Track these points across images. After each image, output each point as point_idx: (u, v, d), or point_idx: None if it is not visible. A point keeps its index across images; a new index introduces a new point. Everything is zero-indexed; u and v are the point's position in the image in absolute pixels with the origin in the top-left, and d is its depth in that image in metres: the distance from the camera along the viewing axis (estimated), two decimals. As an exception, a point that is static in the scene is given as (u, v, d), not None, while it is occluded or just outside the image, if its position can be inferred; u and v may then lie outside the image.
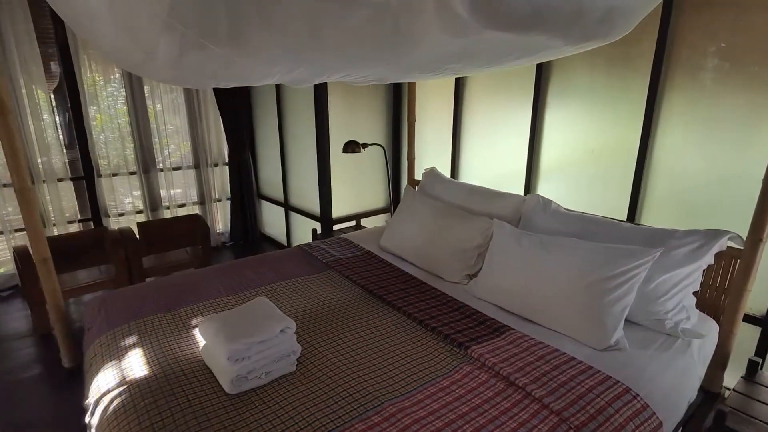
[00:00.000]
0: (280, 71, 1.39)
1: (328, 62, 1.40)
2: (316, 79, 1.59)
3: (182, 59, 1.23)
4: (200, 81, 1.45)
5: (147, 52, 1.22)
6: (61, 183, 3.72)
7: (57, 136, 3.71)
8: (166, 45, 1.18)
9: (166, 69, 1.29)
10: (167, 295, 1.98)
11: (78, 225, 3.91)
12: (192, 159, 4.40)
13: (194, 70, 1.30)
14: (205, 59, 1.24)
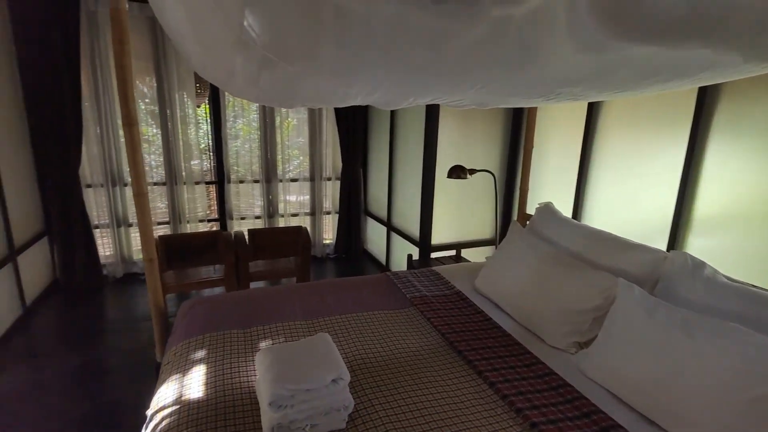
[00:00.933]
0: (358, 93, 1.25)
1: (415, 85, 1.23)
2: (401, 102, 1.42)
3: (259, 78, 1.17)
4: (284, 100, 1.39)
5: (227, 70, 1.18)
6: (197, 185, 4.19)
7: (199, 144, 4.21)
8: (242, 63, 1.12)
9: (247, 87, 1.24)
10: (246, 309, 1.99)
11: (207, 224, 4.37)
12: (309, 172, 4.62)
13: (273, 89, 1.23)
14: (280, 78, 1.16)
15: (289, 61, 1.13)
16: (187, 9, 1.03)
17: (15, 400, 2.31)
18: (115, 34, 1.74)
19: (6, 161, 3.06)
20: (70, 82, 3.37)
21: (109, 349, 2.84)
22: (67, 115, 3.40)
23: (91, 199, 3.81)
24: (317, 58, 1.07)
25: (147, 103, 3.90)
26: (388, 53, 1.25)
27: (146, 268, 2.04)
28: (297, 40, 1.09)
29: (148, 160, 4.01)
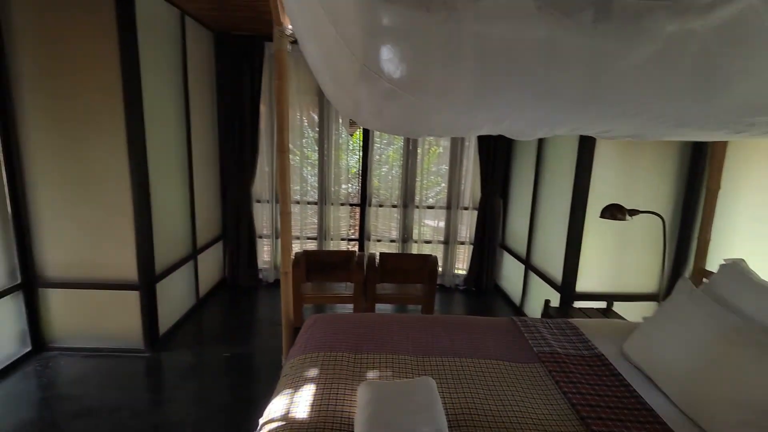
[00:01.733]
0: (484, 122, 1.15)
1: (554, 113, 1.07)
2: (534, 132, 1.26)
3: (383, 108, 1.17)
4: (408, 130, 1.37)
5: (354, 100, 1.21)
6: (342, 206, 4.52)
7: (349, 169, 4.56)
8: (367, 94, 1.13)
9: (371, 118, 1.25)
10: (363, 332, 1.99)
11: (347, 242, 4.67)
12: (446, 200, 4.58)
13: (397, 119, 1.22)
14: (404, 109, 1.14)
15: (412, 93, 1.10)
16: (319, 44, 1.08)
17: (176, 377, 2.75)
18: (276, 72, 1.99)
19: (201, 178, 3.77)
20: (251, 114, 4.01)
21: (253, 347, 3.19)
22: (246, 141, 4.05)
23: (258, 213, 4.42)
24: (445, 91, 1.01)
25: (313, 131, 4.39)
26: (527, 81, 1.13)
27: (282, 280, 2.23)
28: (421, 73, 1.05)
29: (310, 181, 4.50)
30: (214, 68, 3.99)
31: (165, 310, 3.16)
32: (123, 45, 2.58)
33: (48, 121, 2.67)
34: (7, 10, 2.53)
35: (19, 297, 2.81)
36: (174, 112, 3.30)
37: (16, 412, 2.32)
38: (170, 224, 3.28)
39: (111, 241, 2.84)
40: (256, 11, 3.26)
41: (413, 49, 1.16)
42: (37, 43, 2.58)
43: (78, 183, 2.76)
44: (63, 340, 2.97)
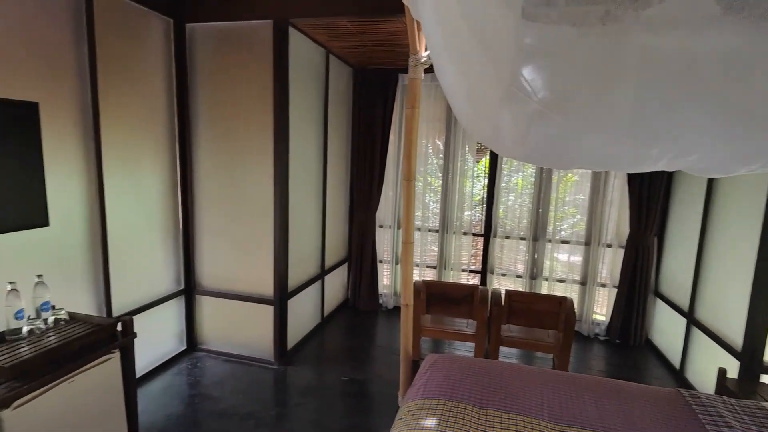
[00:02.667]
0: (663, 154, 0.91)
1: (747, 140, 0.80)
2: (735, 167, 0.97)
3: (528, 134, 1.02)
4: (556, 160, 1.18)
5: (493, 125, 1.08)
6: (465, 236, 4.35)
7: (473, 196, 4.39)
8: (510, 119, 1.00)
9: (514, 145, 1.11)
10: (488, 383, 1.79)
11: (468, 274, 4.45)
12: (584, 235, 4.08)
13: (543, 147, 1.06)
14: (554, 135, 0.97)
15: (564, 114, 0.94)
16: (459, 66, 0.99)
17: (298, 393, 2.84)
18: (408, 101, 1.97)
19: (332, 203, 4.00)
20: (381, 142, 4.15)
21: (370, 374, 3.18)
22: (375, 168, 4.19)
23: (380, 237, 4.50)
24: (601, 112, 0.83)
25: (438, 158, 4.37)
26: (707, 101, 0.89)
27: (402, 312, 2.15)
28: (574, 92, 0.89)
29: (432, 207, 4.45)
30: (351, 100, 4.25)
31: (293, 326, 3.35)
32: (277, 85, 2.88)
33: (213, 153, 3.10)
34: (193, 59, 3.03)
35: (181, 301, 3.25)
36: (314, 143, 3.56)
37: (168, 405, 2.63)
38: (304, 245, 3.50)
39: (254, 259, 3.13)
40: (393, 45, 3.38)
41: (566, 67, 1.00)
42: (213, 86, 3.03)
43: (231, 206, 3.12)
44: (209, 343, 3.33)
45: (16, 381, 1.57)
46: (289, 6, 2.80)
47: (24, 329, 1.81)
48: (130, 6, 2.61)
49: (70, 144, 2.28)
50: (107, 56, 2.44)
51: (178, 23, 2.96)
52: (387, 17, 2.73)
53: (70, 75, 2.26)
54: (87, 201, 2.40)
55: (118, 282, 2.59)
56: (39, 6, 2.09)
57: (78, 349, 1.82)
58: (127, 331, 2.02)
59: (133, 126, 2.68)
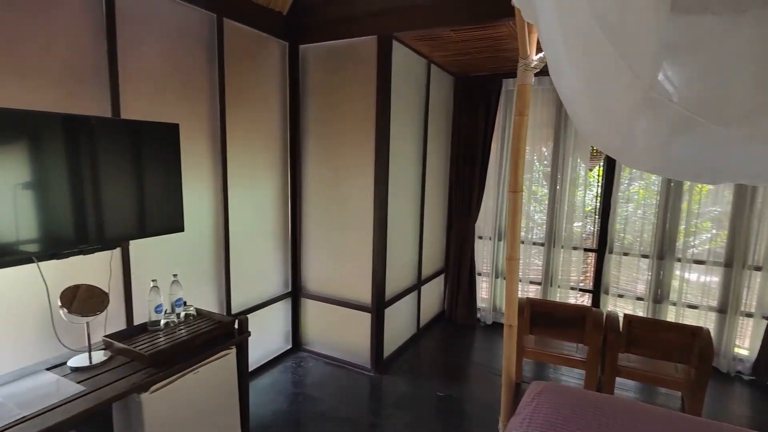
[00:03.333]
0: None
1: None
2: None
3: (669, 145, 0.87)
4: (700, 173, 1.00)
5: (622, 134, 0.95)
6: (575, 250, 3.99)
7: (585, 206, 4.01)
8: (647, 127, 0.87)
9: (647, 156, 0.96)
10: (602, 423, 1.59)
11: (578, 293, 4.07)
12: (724, 254, 3.48)
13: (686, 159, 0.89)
14: (703, 144, 0.82)
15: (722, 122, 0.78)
16: (584, 72, 0.89)
17: (393, 404, 2.84)
18: (517, 107, 1.86)
19: (430, 212, 3.96)
20: (482, 150, 4.01)
21: (467, 392, 3.05)
22: (475, 177, 4.06)
23: (480, 249, 4.34)
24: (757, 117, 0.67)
25: (543, 166, 4.10)
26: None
27: (505, 332, 2.03)
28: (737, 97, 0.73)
29: (536, 219, 4.19)
30: (451, 109, 4.19)
31: (390, 334, 3.37)
32: (379, 99, 2.94)
33: (319, 165, 3.27)
34: (305, 77, 3.25)
35: (288, 303, 3.47)
36: (413, 152, 3.57)
37: (274, 401, 2.81)
38: (401, 255, 3.52)
39: (354, 267, 3.22)
40: (497, 51, 3.26)
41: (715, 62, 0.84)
42: (321, 102, 3.21)
43: (335, 216, 3.26)
44: (312, 344, 3.51)
45: (154, 368, 1.79)
46: (394, 21, 2.86)
47: (162, 322, 2.07)
48: (252, 33, 2.88)
49: (201, 159, 2.58)
50: (233, 79, 2.73)
51: (292, 46, 3.20)
52: (493, 22, 2.63)
53: (204, 98, 2.57)
54: (214, 210, 2.69)
55: (236, 283, 2.86)
56: (181, 39, 2.41)
57: (202, 343, 2.03)
58: (243, 329, 2.19)
59: (252, 142, 2.95)
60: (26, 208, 1.61)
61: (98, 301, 1.83)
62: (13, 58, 1.73)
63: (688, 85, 0.83)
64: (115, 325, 2.13)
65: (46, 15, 1.83)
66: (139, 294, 2.22)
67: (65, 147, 1.72)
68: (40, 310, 1.82)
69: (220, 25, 2.60)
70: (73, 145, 1.74)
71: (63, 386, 1.62)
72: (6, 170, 1.55)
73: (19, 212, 1.58)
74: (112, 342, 1.91)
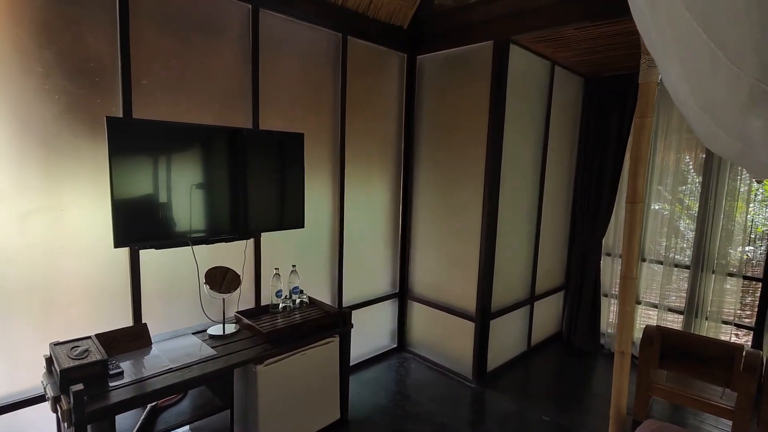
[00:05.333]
0: None
1: None
2: None
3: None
4: None
5: (742, 139, 0.81)
6: (731, 278, 3.33)
7: (747, 227, 3.33)
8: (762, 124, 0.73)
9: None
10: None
11: (732, 328, 3.38)
12: None
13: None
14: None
15: None
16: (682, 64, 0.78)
17: (494, 420, 2.73)
18: (638, 109, 1.67)
19: (549, 223, 3.71)
20: (613, 158, 3.62)
21: (574, 421, 2.79)
22: (604, 188, 3.68)
23: (607, 268, 3.90)
24: None
25: (692, 175, 3.53)
26: None
27: (616, 359, 1.82)
28: None
29: (687, 236, 3.61)
30: (579, 112, 3.88)
31: (495, 348, 3.25)
32: (493, 105, 2.90)
33: (431, 171, 3.34)
34: (421, 87, 3.37)
35: (395, 303, 3.61)
36: (530, 158, 3.41)
37: (375, 395, 2.95)
38: (512, 265, 3.37)
39: (460, 274, 3.21)
40: (632, 47, 2.93)
41: None
42: (435, 110, 3.29)
43: (442, 221, 3.29)
44: (415, 346, 3.58)
45: (269, 344, 2.06)
46: (511, 24, 2.79)
47: (280, 305, 2.37)
48: (374, 48, 3.10)
49: (322, 164, 2.87)
50: (354, 91, 2.97)
51: (410, 57, 3.34)
52: (620, 17, 2.38)
53: (328, 109, 2.86)
54: (331, 210, 2.96)
55: (348, 278, 3.09)
56: (311, 57, 2.73)
57: (311, 329, 2.26)
58: (346, 321, 2.37)
59: (367, 148, 3.17)
60: (195, 203, 2.02)
61: (233, 282, 2.18)
62: (184, 82, 2.18)
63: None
64: (246, 303, 2.51)
65: (209, 44, 2.26)
66: (267, 279, 2.56)
67: (226, 154, 2.12)
68: (192, 285, 2.24)
69: (345, 43, 2.87)
70: (231, 152, 2.14)
71: (203, 349, 1.97)
72: (183, 172, 1.98)
73: (192, 206, 2.01)
74: (240, 318, 2.25)
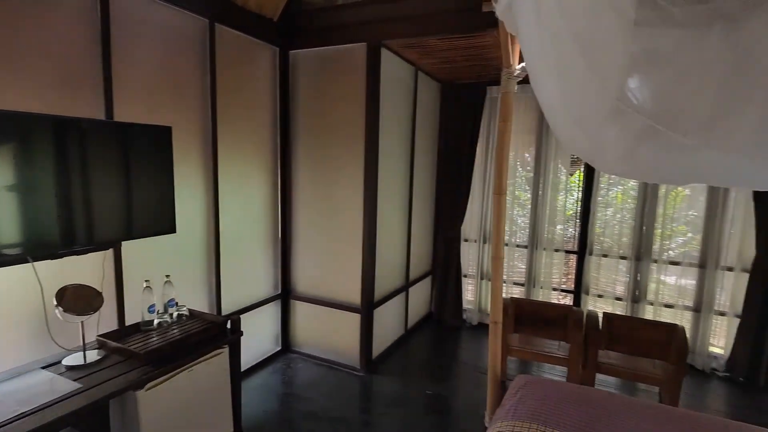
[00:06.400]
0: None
1: None
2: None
3: (635, 151, 0.97)
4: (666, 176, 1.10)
5: (595, 141, 1.04)
6: (557, 252, 4.12)
7: (566, 211, 4.15)
8: (616, 135, 0.96)
9: (617, 162, 1.06)
10: (584, 413, 1.68)
11: (560, 293, 4.20)
12: (698, 256, 3.64)
13: (653, 164, 0.99)
14: (664, 151, 0.91)
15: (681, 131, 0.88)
16: (560, 81, 0.98)
17: (383, 403, 2.90)
18: (501, 114, 1.96)
19: (418, 216, 4.05)
20: (467, 156, 4.12)
21: (454, 390, 3.13)
22: (461, 182, 4.17)
23: (466, 252, 4.44)
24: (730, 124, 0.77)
25: (527, 171, 4.23)
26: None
27: (491, 329, 2.11)
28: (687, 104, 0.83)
29: (519, 222, 4.31)
30: (438, 116, 4.30)
31: (379, 335, 3.43)
32: (369, 104, 3.03)
33: (310, 168, 3.33)
34: (295, 82, 3.31)
35: (278, 305, 3.51)
36: (402, 158, 3.66)
37: (265, 401, 2.84)
38: (390, 257, 3.59)
39: (343, 268, 3.28)
40: (482, 59, 3.37)
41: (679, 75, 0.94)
42: (311, 107, 3.28)
43: (323, 218, 3.32)
44: (301, 346, 3.54)
45: (149, 366, 1.82)
46: (383, 29, 2.95)
47: (155, 322, 2.10)
48: (244, 38, 2.94)
49: (193, 162, 2.61)
50: (224, 83, 2.77)
51: (282, 51, 3.26)
52: (478, 33, 2.74)
53: (196, 102, 2.61)
54: (205, 212, 2.72)
55: (226, 284, 2.89)
56: (174, 43, 2.45)
57: (196, 342, 2.06)
58: (235, 329, 2.23)
59: (242, 145, 3.00)
60: (17, 209, 1.63)
61: (92, 300, 1.86)
62: (8, 60, 1.76)
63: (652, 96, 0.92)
64: (106, 325, 2.15)
65: (42, 19, 1.86)
66: (131, 295, 2.24)
67: (54, 149, 1.74)
68: (35, 309, 1.83)
69: (212, 30, 2.65)
70: (62, 148, 1.77)
71: (59, 384, 1.64)
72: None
73: (10, 213, 1.61)
74: (106, 341, 1.93)
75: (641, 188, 3.74)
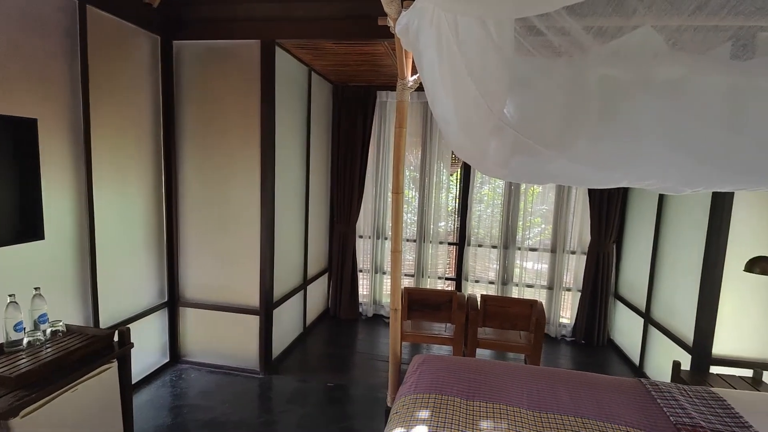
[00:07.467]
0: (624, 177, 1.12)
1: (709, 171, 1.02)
2: (683, 189, 1.19)
3: (510, 160, 1.21)
4: (532, 179, 1.38)
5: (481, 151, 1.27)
6: (441, 245, 4.55)
7: (448, 207, 4.61)
8: (496, 146, 1.19)
9: (496, 168, 1.30)
10: (472, 378, 1.96)
11: (443, 281, 4.65)
12: (550, 243, 4.37)
13: (522, 170, 1.25)
14: (531, 160, 1.16)
15: (544, 145, 1.13)
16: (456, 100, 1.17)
17: (285, 401, 2.92)
18: (397, 121, 2.14)
19: (314, 214, 4.11)
20: (360, 157, 4.31)
21: (353, 379, 3.29)
22: (355, 181, 4.34)
23: (360, 248, 4.64)
24: (578, 148, 1.03)
25: (411, 171, 4.57)
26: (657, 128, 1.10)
27: (391, 316, 2.30)
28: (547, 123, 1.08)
29: (405, 218, 4.64)
30: (331, 115, 4.40)
31: (278, 335, 3.41)
32: (264, 103, 2.99)
33: (199, 167, 3.16)
34: (180, 76, 3.10)
35: (164, 314, 3.26)
36: (298, 158, 3.68)
37: (156, 417, 2.65)
38: (288, 256, 3.59)
39: (240, 270, 3.19)
40: (375, 65, 3.57)
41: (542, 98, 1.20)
42: (199, 102, 3.11)
43: (217, 219, 3.18)
44: (193, 355, 3.35)
45: (22, 390, 1.60)
46: (277, 27, 2.94)
47: (24, 341, 1.83)
48: (120, 24, 2.67)
49: (63, 159, 2.31)
50: (98, 73, 2.50)
51: (165, 40, 3.03)
52: (371, 41, 2.91)
53: (65, 92, 2.31)
54: (78, 215, 2.42)
55: (105, 295, 2.61)
56: (36, 26, 2.14)
57: (78, 360, 1.86)
58: (125, 341, 2.06)
59: (121, 141, 2.73)
60: None
61: (-63, 323, 1.56)
62: None
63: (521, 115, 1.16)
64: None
65: None
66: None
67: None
68: None
69: (83, 12, 2.37)
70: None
71: None
72: None
73: None
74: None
75: (506, 186, 4.35)
